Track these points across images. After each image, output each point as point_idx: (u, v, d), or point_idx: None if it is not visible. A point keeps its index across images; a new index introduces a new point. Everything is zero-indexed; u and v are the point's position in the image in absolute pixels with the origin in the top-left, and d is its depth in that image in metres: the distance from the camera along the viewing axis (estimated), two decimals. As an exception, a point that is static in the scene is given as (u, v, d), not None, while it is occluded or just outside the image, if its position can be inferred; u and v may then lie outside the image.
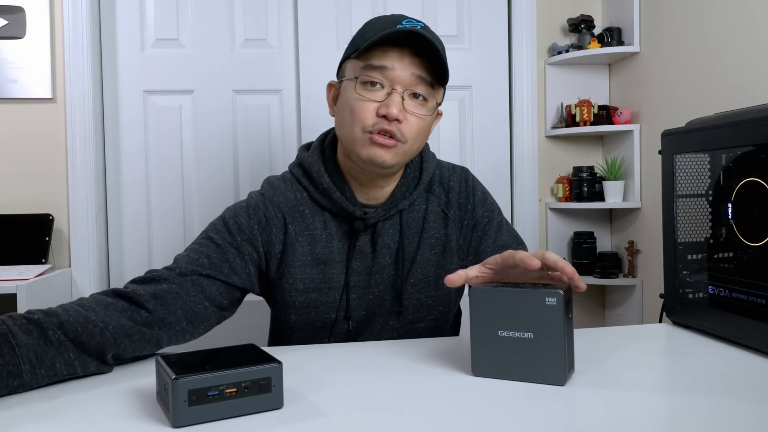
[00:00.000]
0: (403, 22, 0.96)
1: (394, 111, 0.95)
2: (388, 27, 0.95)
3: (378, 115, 0.96)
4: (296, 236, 1.02)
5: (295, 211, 1.03)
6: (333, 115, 1.06)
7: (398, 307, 1.05)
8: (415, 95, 0.98)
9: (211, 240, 0.99)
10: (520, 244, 1.12)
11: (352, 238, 1.03)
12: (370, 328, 1.06)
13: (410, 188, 1.07)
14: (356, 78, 0.98)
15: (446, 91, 1.08)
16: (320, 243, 1.02)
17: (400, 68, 0.96)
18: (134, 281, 0.92)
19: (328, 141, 1.09)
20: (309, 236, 1.03)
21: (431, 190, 1.10)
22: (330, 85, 1.07)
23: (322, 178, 1.03)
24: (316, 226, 1.03)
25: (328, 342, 1.06)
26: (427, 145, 1.11)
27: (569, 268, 0.74)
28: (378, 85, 0.97)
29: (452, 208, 1.09)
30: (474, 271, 0.80)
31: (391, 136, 0.96)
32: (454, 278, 0.79)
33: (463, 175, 1.13)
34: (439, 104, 1.04)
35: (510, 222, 2.27)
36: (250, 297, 2.29)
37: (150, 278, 0.91)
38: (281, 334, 1.09)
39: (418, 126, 0.99)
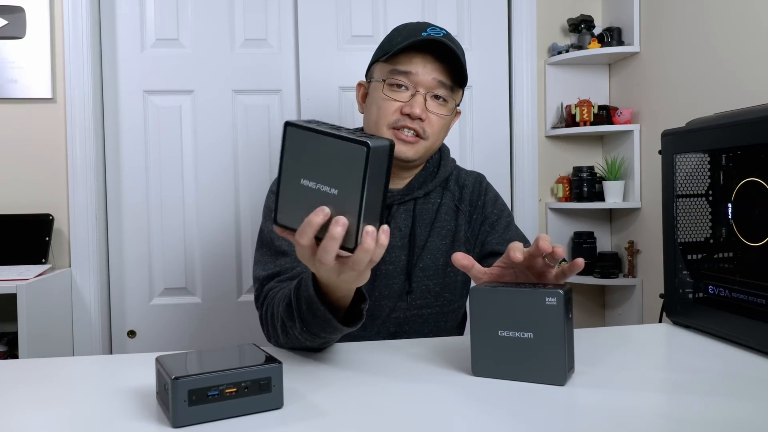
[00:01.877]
0: (428, 30, 1.07)
1: (417, 110, 1.06)
2: (415, 34, 1.07)
3: (402, 114, 1.07)
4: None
5: None
6: (362, 112, 1.18)
7: (408, 287, 1.12)
8: (436, 97, 1.09)
9: (273, 244, 1.07)
10: (528, 242, 1.16)
11: None
12: (380, 309, 1.12)
13: (427, 180, 1.17)
14: (384, 80, 1.09)
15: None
16: None
17: (424, 73, 1.07)
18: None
19: None
20: None
21: (447, 186, 1.20)
22: (359, 85, 1.19)
23: None
24: None
25: None
26: (448, 150, 1.24)
27: (543, 243, 0.76)
28: (403, 87, 1.08)
29: (464, 202, 1.19)
30: (482, 267, 0.84)
31: (415, 133, 1.08)
32: (459, 256, 0.82)
33: (478, 177, 1.25)
34: (458, 104, 1.15)
35: (510, 222, 2.28)
36: (249, 297, 2.28)
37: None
38: None
39: (439, 124, 1.10)
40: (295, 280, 0.90)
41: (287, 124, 0.62)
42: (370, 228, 0.64)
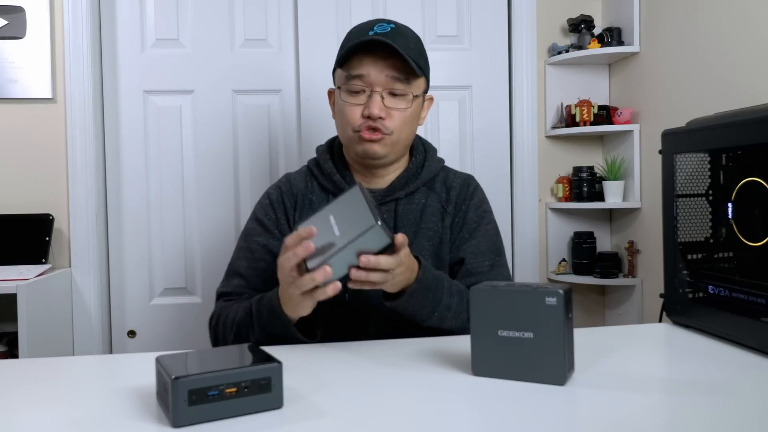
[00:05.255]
0: (375, 28, 1.10)
1: (375, 111, 1.09)
2: (361, 35, 1.10)
3: (363, 116, 1.11)
4: (302, 218, 1.16)
5: (304, 198, 1.19)
6: (334, 119, 1.20)
7: None
8: (393, 93, 1.11)
9: (257, 243, 1.16)
10: (496, 255, 1.19)
11: None
12: (369, 309, 1.11)
13: (410, 181, 1.18)
14: (340, 87, 1.13)
15: (446, 91, 1.16)
16: None
17: (375, 73, 1.10)
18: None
19: (339, 140, 1.23)
20: None
21: (433, 187, 1.20)
22: (330, 93, 1.22)
23: (327, 163, 1.19)
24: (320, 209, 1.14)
25: (331, 314, 1.10)
26: (434, 150, 1.25)
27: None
28: (361, 90, 1.11)
29: (450, 204, 1.20)
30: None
31: (377, 130, 1.10)
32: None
33: (467, 180, 1.24)
34: (418, 95, 1.14)
35: (510, 222, 2.28)
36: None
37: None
38: None
39: (401, 118, 1.12)
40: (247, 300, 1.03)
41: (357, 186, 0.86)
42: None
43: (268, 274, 1.11)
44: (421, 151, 1.22)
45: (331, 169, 1.18)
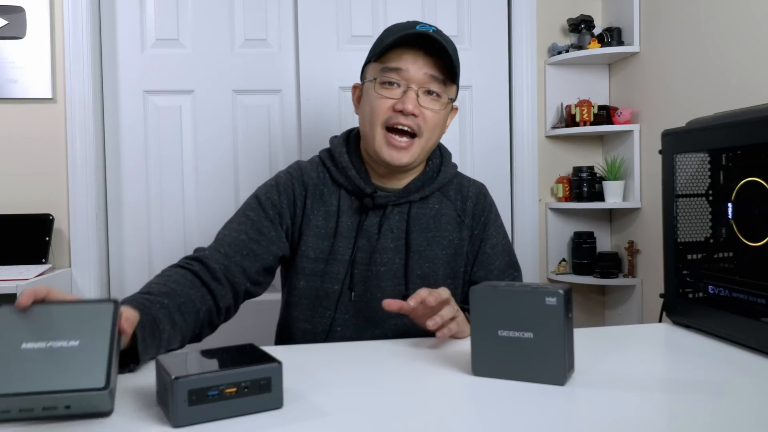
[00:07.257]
0: (417, 27, 1.07)
1: (410, 106, 1.05)
2: (404, 32, 1.06)
3: (395, 111, 1.06)
4: (312, 209, 1.12)
5: (315, 189, 1.14)
6: (358, 114, 1.17)
7: (405, 292, 1.11)
8: (429, 92, 1.08)
9: (247, 217, 1.11)
10: (515, 270, 1.21)
11: (362, 216, 1.12)
12: (375, 311, 1.11)
13: (425, 185, 1.15)
14: (375, 79, 1.09)
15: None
16: (332, 218, 1.12)
17: (414, 69, 1.06)
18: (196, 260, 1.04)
19: (355, 132, 1.20)
20: (324, 212, 1.12)
21: (447, 194, 1.18)
22: (354, 87, 1.19)
23: (342, 157, 1.14)
24: (331, 203, 1.13)
25: (335, 316, 1.11)
26: (450, 155, 1.22)
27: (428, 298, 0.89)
28: (395, 85, 1.07)
29: (467, 215, 1.18)
30: (412, 303, 0.90)
31: (410, 132, 1.07)
32: (391, 302, 0.91)
33: (482, 189, 1.23)
34: (452, 100, 1.13)
35: (510, 222, 2.28)
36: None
37: (200, 258, 1.04)
38: (291, 300, 1.15)
39: (433, 120, 1.09)
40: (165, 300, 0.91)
41: None
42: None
43: (246, 249, 1.06)
44: (437, 155, 1.20)
45: (347, 164, 1.13)
